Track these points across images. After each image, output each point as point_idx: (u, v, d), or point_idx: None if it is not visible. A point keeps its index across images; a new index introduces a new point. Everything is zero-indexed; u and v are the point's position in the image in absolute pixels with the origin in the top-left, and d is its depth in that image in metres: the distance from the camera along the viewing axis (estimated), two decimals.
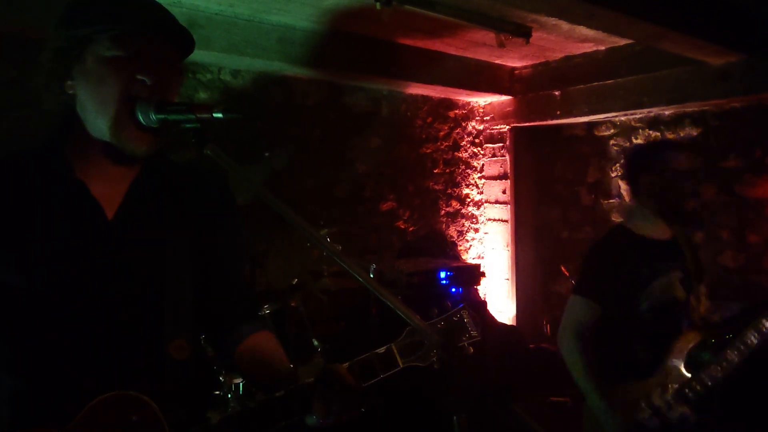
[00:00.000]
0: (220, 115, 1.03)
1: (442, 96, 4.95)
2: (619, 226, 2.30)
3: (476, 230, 5.31)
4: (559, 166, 5.15)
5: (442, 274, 4.04)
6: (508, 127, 5.10)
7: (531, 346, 4.62)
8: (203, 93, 3.67)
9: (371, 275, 3.14)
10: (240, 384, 2.81)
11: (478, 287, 4.56)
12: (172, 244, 1.23)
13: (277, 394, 1.14)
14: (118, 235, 1.19)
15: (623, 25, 3.00)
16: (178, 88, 1.21)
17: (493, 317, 4.77)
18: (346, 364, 1.21)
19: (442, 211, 5.07)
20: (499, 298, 5.20)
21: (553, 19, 3.28)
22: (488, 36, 3.80)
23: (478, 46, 4.12)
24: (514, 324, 5.03)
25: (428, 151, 4.95)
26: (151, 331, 1.19)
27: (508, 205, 5.16)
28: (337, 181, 4.33)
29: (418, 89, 4.66)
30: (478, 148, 5.31)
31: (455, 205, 5.16)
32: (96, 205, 1.18)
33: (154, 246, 1.22)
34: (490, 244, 5.33)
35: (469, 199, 5.26)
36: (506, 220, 5.18)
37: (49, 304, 1.12)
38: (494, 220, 5.29)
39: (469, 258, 5.24)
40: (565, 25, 3.55)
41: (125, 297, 1.17)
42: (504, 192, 5.19)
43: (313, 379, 1.16)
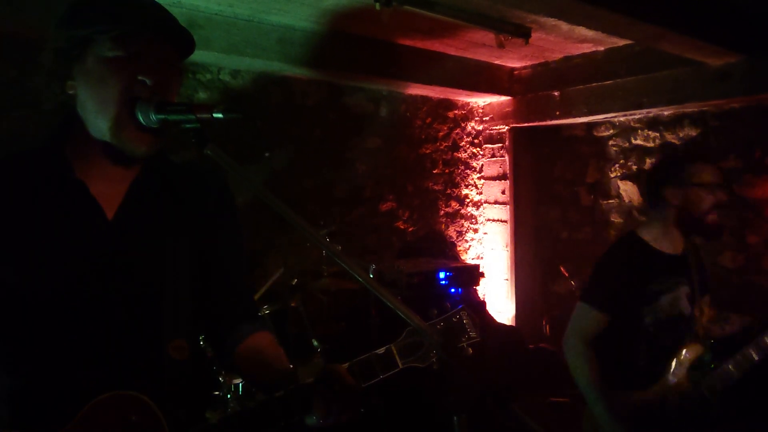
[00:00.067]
0: (220, 116, 1.03)
1: (442, 96, 4.95)
2: (633, 235, 2.28)
3: (475, 230, 5.31)
4: (558, 166, 5.15)
5: (442, 275, 4.04)
6: (507, 128, 5.10)
7: (530, 346, 4.61)
8: (203, 93, 3.67)
9: (371, 275, 3.14)
10: (239, 384, 2.81)
11: (478, 287, 4.56)
12: (172, 245, 1.23)
13: (277, 395, 1.14)
14: (117, 236, 1.19)
15: (622, 26, 3.00)
16: (178, 88, 1.21)
17: (493, 317, 4.77)
18: (346, 365, 1.21)
19: (442, 212, 5.07)
20: (499, 299, 5.20)
21: (553, 19, 3.28)
22: (488, 36, 3.80)
23: (478, 46, 4.13)
24: (514, 324, 5.03)
25: (428, 151, 4.95)
26: (151, 331, 1.19)
27: (508, 206, 5.15)
28: (337, 182, 4.33)
29: (417, 90, 4.66)
30: (478, 149, 5.31)
31: (454, 205, 5.16)
32: (96, 205, 1.18)
33: (153, 246, 1.22)
34: (489, 245, 5.33)
35: (468, 200, 5.26)
36: (505, 221, 5.18)
37: (49, 304, 1.12)
38: (493, 220, 5.29)
39: (469, 258, 5.24)
40: (564, 26, 3.55)
41: (125, 297, 1.17)
42: (503, 192, 5.19)
43: (313, 379, 1.16)
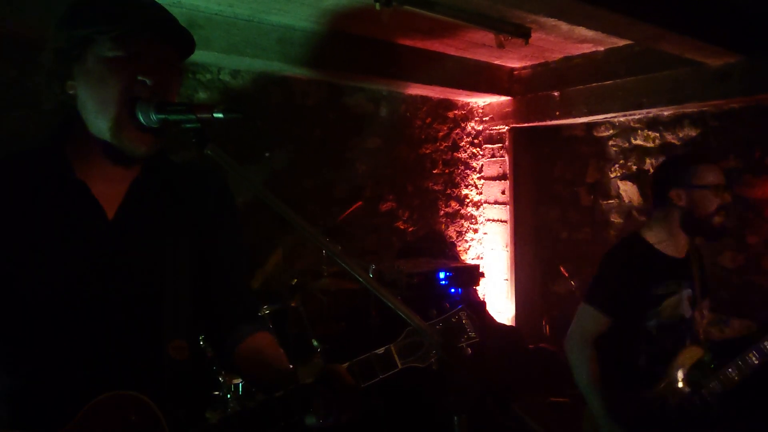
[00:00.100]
0: (221, 115, 1.03)
1: (442, 96, 4.95)
2: (636, 236, 2.27)
3: (475, 231, 5.31)
4: (558, 166, 5.15)
5: (442, 275, 4.04)
6: (507, 128, 5.10)
7: (530, 346, 4.61)
8: (203, 93, 3.67)
9: (370, 275, 3.14)
10: (239, 384, 2.81)
11: (477, 288, 4.56)
12: (172, 245, 1.24)
13: (277, 395, 1.14)
14: (118, 236, 1.19)
15: (622, 26, 3.00)
16: (178, 88, 1.21)
17: (492, 317, 4.77)
18: (346, 365, 1.21)
19: (442, 212, 5.07)
20: (498, 299, 5.20)
21: (553, 19, 3.28)
22: (487, 37, 3.80)
23: (478, 46, 4.13)
24: (513, 324, 5.03)
25: (427, 151, 4.95)
26: (151, 332, 1.19)
27: (507, 206, 5.15)
28: (337, 182, 4.33)
29: (417, 90, 4.66)
30: (477, 149, 5.31)
31: (454, 205, 5.16)
32: (96, 205, 1.18)
33: (153, 246, 1.22)
34: (489, 245, 5.33)
35: (468, 200, 5.26)
36: (505, 221, 5.18)
37: (49, 304, 1.12)
38: (493, 220, 5.29)
39: (468, 258, 5.24)
40: (564, 26, 3.55)
41: (125, 297, 1.17)
42: (503, 192, 5.18)
43: (313, 379, 1.16)
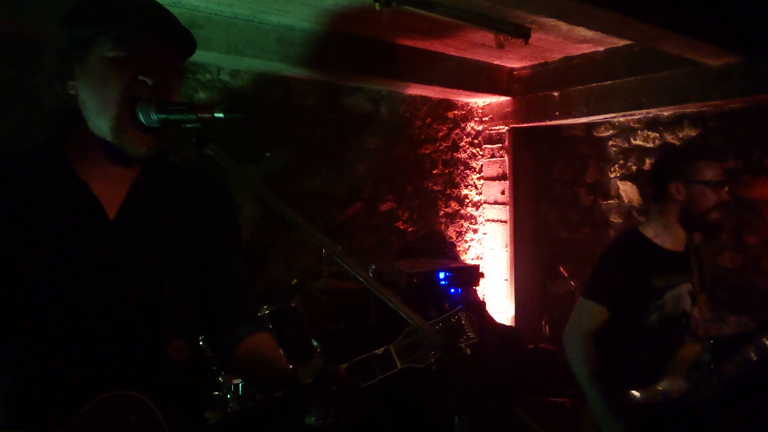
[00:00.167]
0: (221, 115, 1.03)
1: (441, 97, 4.95)
2: (635, 231, 2.27)
3: (475, 231, 5.32)
4: (557, 166, 5.15)
5: (441, 275, 4.04)
6: (507, 128, 5.10)
7: (530, 346, 4.62)
8: (202, 93, 3.67)
9: (370, 275, 3.14)
10: (239, 384, 2.80)
11: (477, 288, 4.56)
12: (172, 245, 1.24)
13: (276, 395, 1.14)
14: (119, 236, 1.19)
15: (622, 27, 3.00)
16: (179, 88, 1.21)
17: (492, 318, 4.77)
18: (345, 365, 1.21)
19: (441, 212, 5.07)
20: (498, 299, 5.20)
21: (552, 20, 3.28)
22: (487, 37, 3.80)
23: (477, 46, 4.13)
24: (513, 324, 5.03)
25: (427, 151, 4.95)
26: (150, 332, 1.19)
27: (507, 206, 5.15)
28: (336, 182, 4.33)
29: (417, 90, 4.66)
30: (477, 149, 5.31)
31: (454, 205, 5.16)
32: (97, 205, 1.18)
33: (154, 246, 1.22)
34: (488, 245, 5.33)
35: (468, 200, 5.26)
36: (505, 221, 5.18)
37: (49, 304, 1.12)
38: (493, 220, 5.29)
39: (468, 259, 5.24)
40: (564, 26, 3.55)
41: (125, 297, 1.17)
42: (503, 193, 5.19)
43: (312, 379, 1.16)
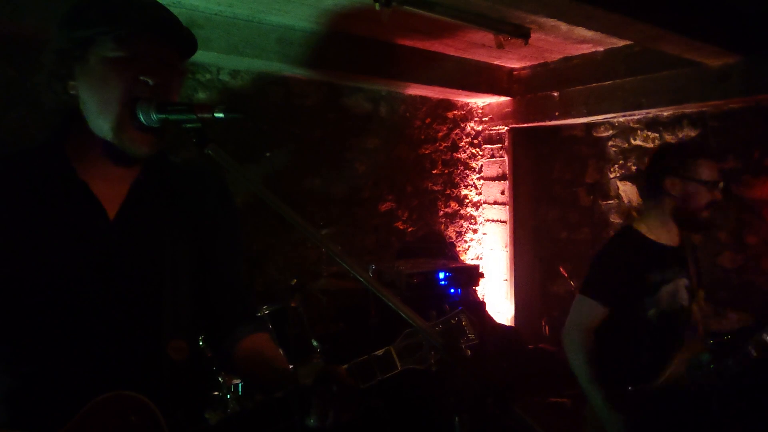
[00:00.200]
0: (222, 115, 1.03)
1: (441, 97, 4.95)
2: (629, 228, 2.28)
3: (475, 231, 5.31)
4: (557, 166, 5.15)
5: (441, 275, 4.04)
6: (506, 128, 5.10)
7: (530, 346, 4.62)
8: (202, 93, 3.67)
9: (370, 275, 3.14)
10: (239, 385, 2.80)
11: (477, 288, 4.56)
12: (172, 245, 1.23)
13: (276, 396, 1.14)
14: (119, 236, 1.19)
15: (622, 27, 3.00)
16: (179, 88, 1.21)
17: (492, 318, 4.77)
18: (345, 366, 1.21)
19: (441, 212, 5.07)
20: (498, 299, 5.20)
21: (552, 20, 3.28)
22: (487, 37, 3.80)
23: (477, 47, 4.13)
24: (513, 325, 5.03)
25: (427, 151, 4.95)
26: (151, 332, 1.19)
27: (507, 206, 5.15)
28: (336, 182, 4.33)
29: (416, 90, 4.66)
30: (477, 149, 5.31)
31: (454, 205, 5.16)
32: (98, 205, 1.18)
33: (154, 247, 1.22)
34: (488, 245, 5.33)
35: (467, 200, 5.26)
36: (505, 221, 5.18)
37: (49, 304, 1.12)
38: (493, 220, 5.29)
39: (468, 259, 5.24)
40: (563, 26, 3.55)
41: (125, 297, 1.17)
42: (502, 193, 5.19)
43: (312, 380, 1.16)
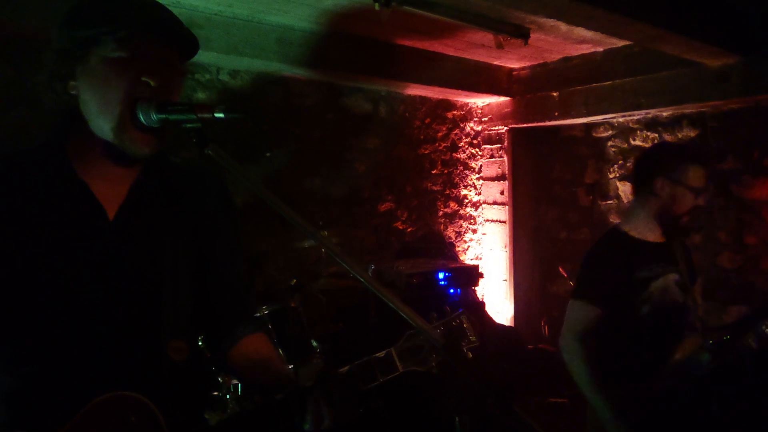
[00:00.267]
0: (222, 115, 1.03)
1: (441, 97, 4.95)
2: (615, 229, 2.30)
3: (474, 231, 5.32)
4: (557, 167, 5.15)
5: (441, 275, 4.05)
6: (506, 128, 5.10)
7: (529, 347, 4.62)
8: (202, 93, 3.67)
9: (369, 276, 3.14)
10: (239, 385, 2.80)
11: (476, 288, 4.56)
12: (172, 245, 1.23)
13: (277, 397, 1.14)
14: (119, 236, 1.19)
15: (621, 27, 3.01)
16: (180, 89, 1.21)
17: (491, 318, 4.77)
18: (346, 368, 1.21)
19: (440, 212, 5.07)
20: (497, 299, 5.20)
21: (552, 20, 3.29)
22: (487, 37, 3.80)
23: (477, 47, 4.13)
24: (512, 325, 5.03)
25: (426, 151, 4.95)
26: (150, 332, 1.19)
27: (506, 206, 5.16)
28: (336, 182, 4.33)
29: (416, 90, 4.66)
30: (476, 149, 5.31)
31: (453, 206, 5.16)
32: (98, 205, 1.18)
33: (154, 247, 1.22)
34: (488, 245, 5.33)
35: (467, 200, 5.26)
36: (504, 221, 5.18)
37: (49, 304, 1.12)
38: (492, 221, 5.29)
39: (467, 259, 5.24)
40: (563, 27, 3.55)
41: (125, 297, 1.17)
42: (502, 193, 5.19)
43: (312, 382, 1.16)
